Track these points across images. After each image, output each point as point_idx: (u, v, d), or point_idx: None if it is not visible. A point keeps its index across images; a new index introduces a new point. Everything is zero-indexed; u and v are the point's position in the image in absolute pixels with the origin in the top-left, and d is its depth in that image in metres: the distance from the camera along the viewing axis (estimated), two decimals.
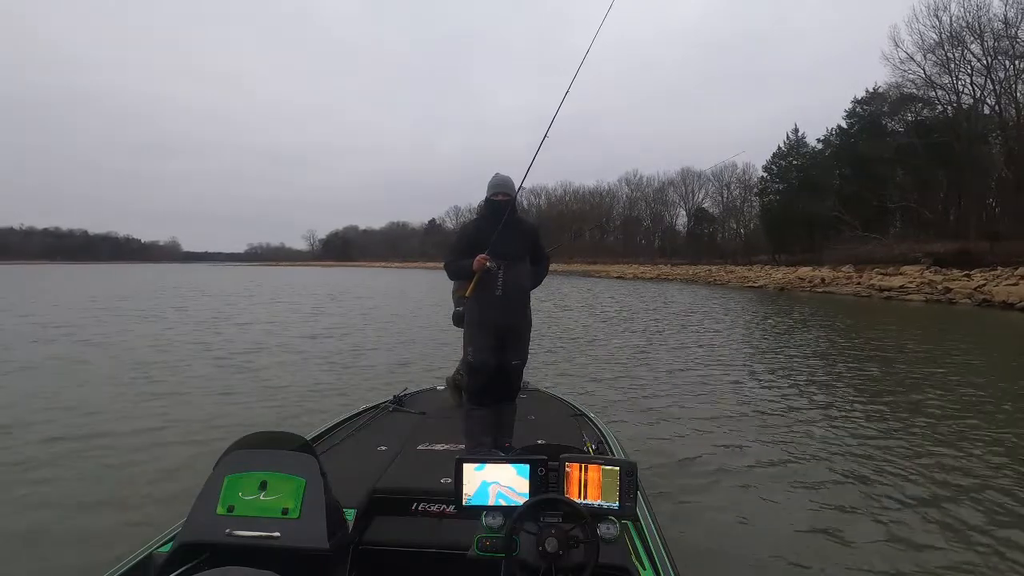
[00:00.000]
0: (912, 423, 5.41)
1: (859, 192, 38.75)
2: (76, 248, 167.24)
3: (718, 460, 4.42)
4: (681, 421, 5.50)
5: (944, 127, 35.70)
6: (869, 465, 4.27)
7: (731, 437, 4.99)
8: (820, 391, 6.81)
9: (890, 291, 24.31)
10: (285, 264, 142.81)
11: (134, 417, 5.43)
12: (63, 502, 3.51)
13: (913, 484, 3.90)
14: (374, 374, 7.73)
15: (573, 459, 1.62)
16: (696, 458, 4.44)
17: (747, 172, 65.56)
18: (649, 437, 4.97)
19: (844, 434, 5.07)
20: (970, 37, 33.72)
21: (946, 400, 6.29)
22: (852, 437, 4.98)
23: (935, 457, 4.44)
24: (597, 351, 9.85)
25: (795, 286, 30.63)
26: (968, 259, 26.31)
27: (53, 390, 6.48)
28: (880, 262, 30.47)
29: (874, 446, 4.71)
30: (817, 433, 5.11)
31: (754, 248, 55.43)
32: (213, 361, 8.56)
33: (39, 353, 9.10)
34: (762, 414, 5.76)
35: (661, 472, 4.08)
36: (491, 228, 2.94)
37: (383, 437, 3.12)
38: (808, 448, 4.70)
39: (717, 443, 4.82)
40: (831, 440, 4.91)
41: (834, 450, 4.64)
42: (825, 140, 46.49)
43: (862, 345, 10.64)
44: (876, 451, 4.58)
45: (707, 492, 3.79)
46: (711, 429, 5.23)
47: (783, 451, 4.63)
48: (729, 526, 3.29)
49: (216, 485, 1.70)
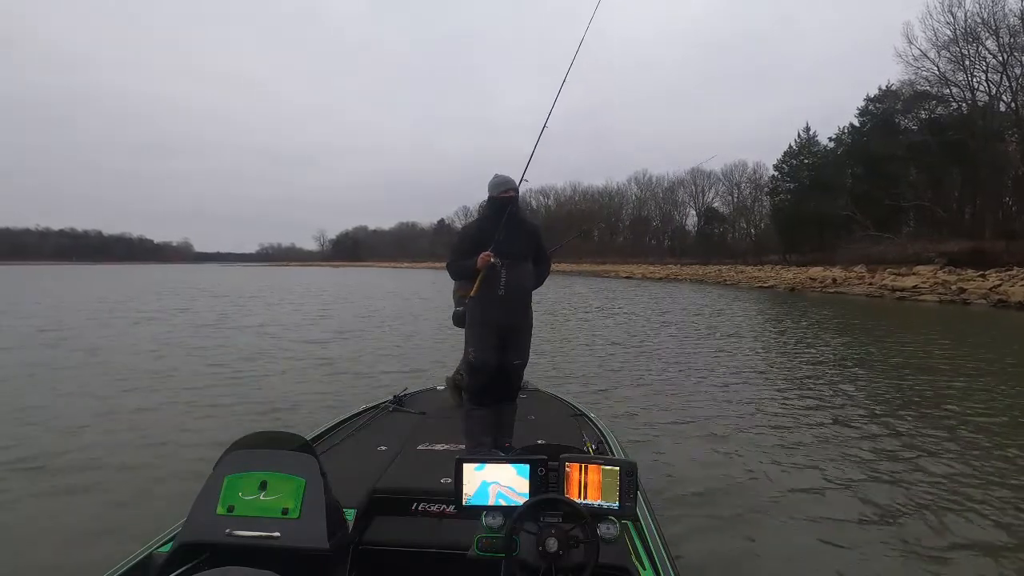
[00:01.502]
0: (930, 429, 5.34)
1: (872, 191, 38.34)
2: (91, 249, 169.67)
3: (719, 460, 4.39)
4: (682, 421, 5.47)
5: (959, 125, 35.19)
6: (870, 467, 4.22)
7: (733, 437, 4.95)
8: (825, 393, 6.71)
9: (903, 291, 23.99)
10: (296, 264, 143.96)
11: (134, 417, 5.45)
12: (63, 502, 3.52)
13: (918, 491, 3.84)
14: (374, 374, 7.75)
15: (573, 459, 1.62)
16: (697, 458, 4.42)
17: (758, 171, 65.25)
18: (649, 437, 4.94)
19: (852, 435, 5.00)
20: (985, 33, 33.30)
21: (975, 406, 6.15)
22: (861, 439, 4.91)
23: (941, 460, 4.38)
24: (597, 351, 9.82)
25: (806, 286, 30.33)
26: (983, 259, 25.92)
27: (54, 390, 6.54)
28: (893, 262, 30.10)
29: (882, 451, 4.64)
30: (822, 435, 5.04)
31: (765, 248, 55.06)
32: (214, 361, 8.55)
33: (45, 354, 9.21)
34: (765, 415, 5.70)
35: (661, 472, 4.06)
36: (494, 227, 2.93)
37: (383, 437, 3.12)
38: (811, 449, 4.64)
39: (719, 443, 4.79)
40: (835, 441, 4.85)
41: (836, 451, 4.58)
42: (837, 139, 46.06)
43: (875, 345, 10.52)
44: (883, 455, 4.51)
45: (708, 492, 3.76)
46: (712, 429, 5.19)
47: (785, 451, 4.59)
48: (730, 526, 3.27)
49: (216, 485, 1.71)
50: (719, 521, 3.32)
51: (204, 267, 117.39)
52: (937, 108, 38.03)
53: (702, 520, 3.32)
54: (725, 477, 4.03)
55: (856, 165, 42.03)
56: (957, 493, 3.72)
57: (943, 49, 34.97)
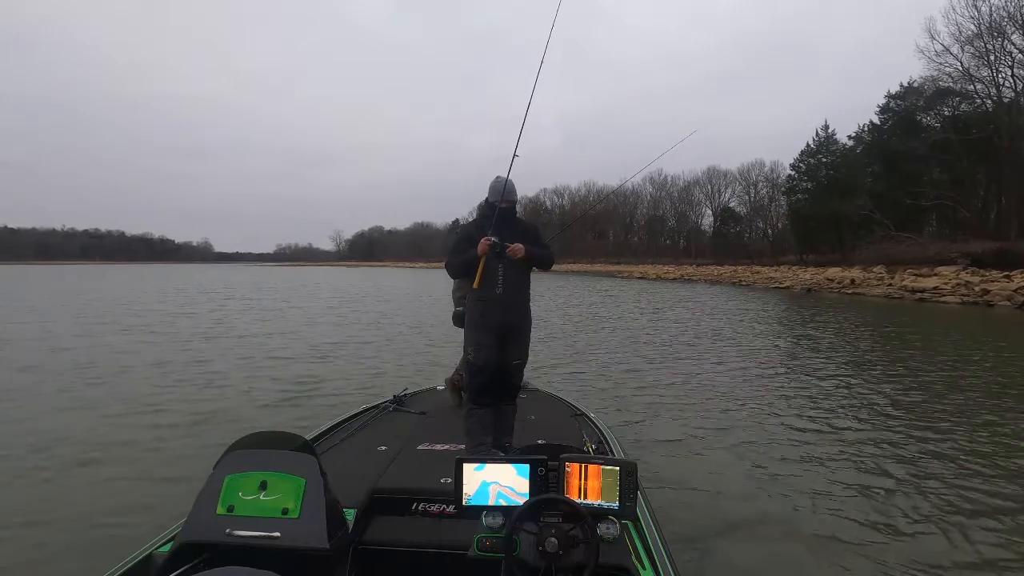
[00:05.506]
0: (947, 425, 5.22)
1: (892, 190, 37.59)
2: (114, 248, 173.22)
3: (722, 460, 4.35)
4: (684, 420, 5.43)
5: (983, 122, 34.33)
6: (873, 470, 4.15)
7: (734, 438, 4.90)
8: (832, 397, 6.56)
9: (923, 292, 23.52)
10: (312, 264, 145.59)
11: (134, 417, 5.49)
12: (63, 503, 3.54)
13: (929, 503, 3.75)
14: (376, 373, 7.79)
15: (573, 459, 1.63)
16: (698, 458, 4.39)
17: (775, 170, 64.45)
18: (650, 437, 4.91)
19: (863, 438, 4.91)
20: (1011, 27, 32.47)
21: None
22: (870, 443, 4.80)
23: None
24: (597, 350, 9.78)
25: (823, 287, 29.87)
26: (1008, 259, 25.22)
27: (57, 389, 6.63)
28: (913, 263, 29.45)
29: (896, 450, 4.55)
30: (825, 438, 4.97)
31: (782, 248, 54.38)
32: (214, 362, 8.61)
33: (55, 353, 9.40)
34: (769, 415, 5.64)
35: (662, 472, 4.04)
36: (490, 227, 2.93)
37: (383, 437, 3.12)
38: (814, 450, 4.58)
39: (720, 443, 4.76)
40: (841, 443, 4.78)
41: (838, 454, 4.50)
42: (856, 137, 45.27)
43: (887, 343, 10.33)
44: (890, 455, 4.43)
45: (709, 492, 3.73)
46: (714, 429, 5.15)
47: (787, 452, 4.54)
48: (730, 527, 3.25)
49: (216, 485, 1.71)
50: (720, 521, 3.30)
51: (231, 267, 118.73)
52: (960, 105, 37.08)
53: (704, 520, 3.30)
54: (726, 477, 3.99)
55: (876, 164, 41.25)
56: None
57: (967, 44, 34.18)
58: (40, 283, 36.24)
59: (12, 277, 47.04)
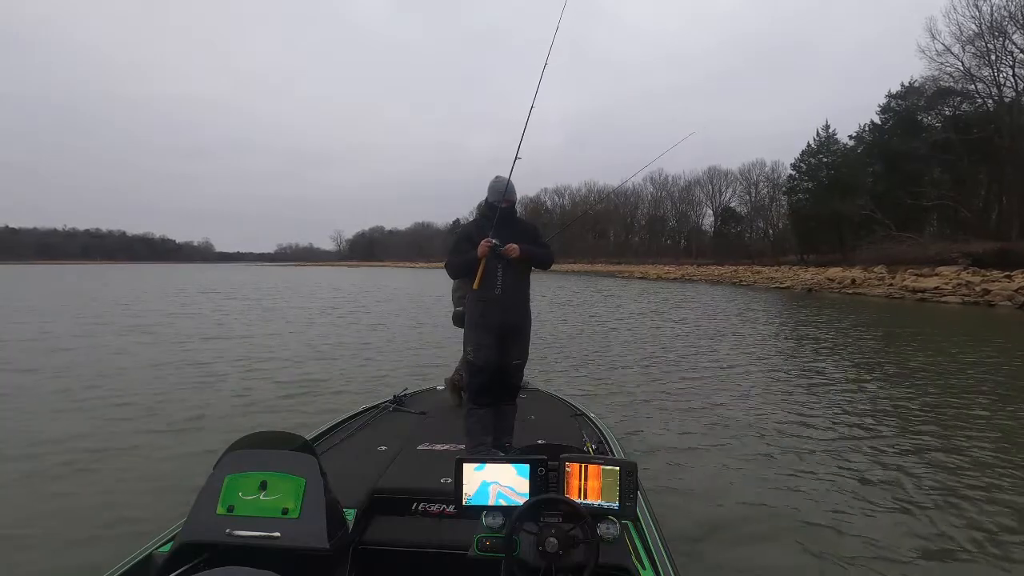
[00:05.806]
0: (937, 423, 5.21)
1: (893, 190, 37.54)
2: (115, 248, 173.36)
3: (721, 460, 4.35)
4: (684, 421, 5.42)
5: (984, 122, 34.26)
6: (874, 470, 4.14)
7: (735, 438, 4.89)
8: (835, 399, 6.55)
9: (924, 292, 23.49)
10: (313, 264, 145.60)
11: (135, 417, 5.50)
12: (63, 503, 3.55)
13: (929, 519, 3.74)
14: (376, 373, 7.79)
15: (573, 459, 1.62)
16: (698, 458, 4.38)
17: (775, 170, 64.39)
18: (650, 437, 4.91)
19: (863, 438, 4.90)
20: (1012, 27, 32.40)
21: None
22: (871, 443, 4.81)
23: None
24: (597, 350, 9.77)
25: (824, 287, 29.85)
26: (1009, 260, 25.17)
27: (56, 389, 6.63)
28: (914, 263, 29.41)
29: (898, 451, 4.55)
30: (825, 436, 4.98)
31: (783, 248, 54.33)
32: (214, 362, 8.59)
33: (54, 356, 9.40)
34: (769, 415, 5.64)
35: (662, 472, 4.03)
36: (490, 228, 2.93)
37: (383, 437, 3.12)
38: (815, 450, 4.57)
39: (720, 443, 4.75)
40: (841, 443, 4.77)
41: (840, 456, 4.47)
42: (857, 136, 45.19)
43: (887, 344, 10.32)
44: (891, 456, 4.42)
45: (709, 492, 3.73)
46: (715, 429, 5.15)
47: (788, 452, 4.53)
48: (731, 527, 3.24)
49: (216, 485, 1.71)
50: (720, 521, 3.30)
51: (232, 267, 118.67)
52: (962, 105, 36.99)
53: (704, 521, 3.30)
54: (726, 478, 3.99)
55: (877, 164, 41.20)
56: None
57: (968, 44, 34.10)
58: (41, 283, 36.27)
59: (13, 277, 47.06)
